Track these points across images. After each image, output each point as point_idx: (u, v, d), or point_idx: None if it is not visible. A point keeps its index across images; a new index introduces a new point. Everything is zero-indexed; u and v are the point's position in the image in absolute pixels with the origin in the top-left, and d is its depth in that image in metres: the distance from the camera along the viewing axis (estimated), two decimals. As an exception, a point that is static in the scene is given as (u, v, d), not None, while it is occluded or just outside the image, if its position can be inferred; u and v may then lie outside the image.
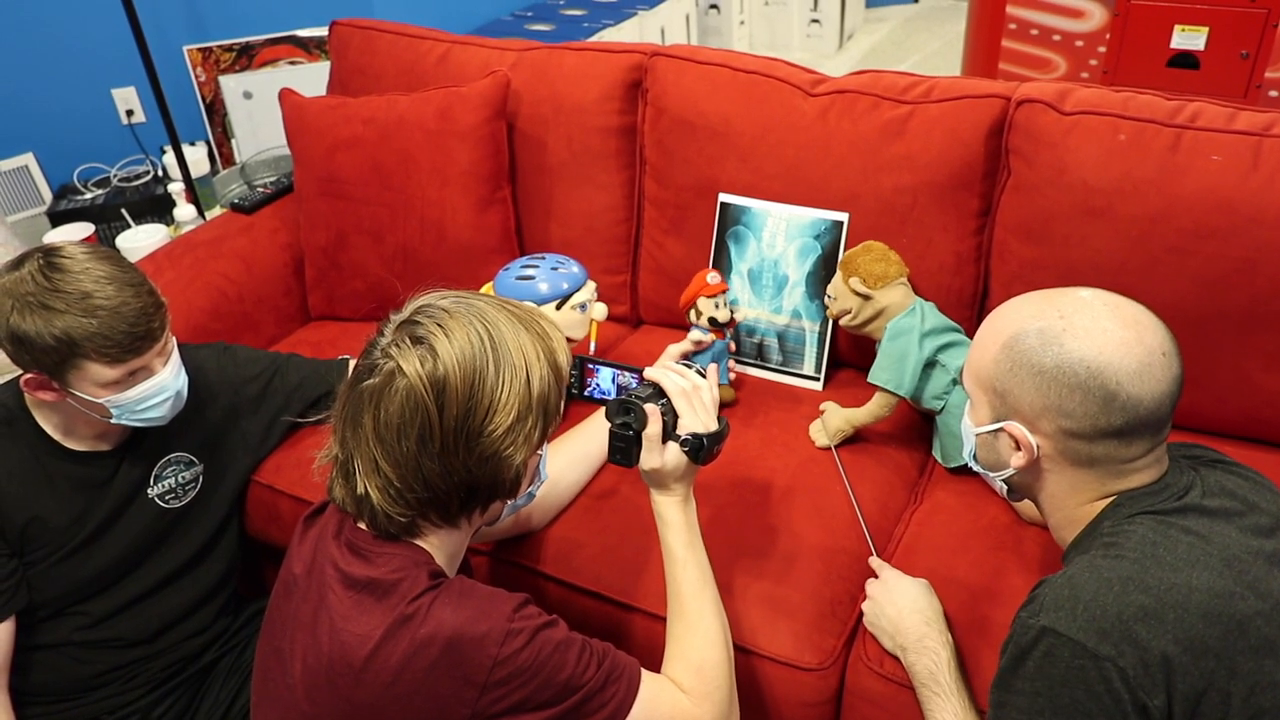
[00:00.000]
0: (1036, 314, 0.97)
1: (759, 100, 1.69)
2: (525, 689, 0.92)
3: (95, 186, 3.03)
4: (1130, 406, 0.92)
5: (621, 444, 1.14)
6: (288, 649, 0.99)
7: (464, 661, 0.91)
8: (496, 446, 0.95)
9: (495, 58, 1.94)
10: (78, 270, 1.24)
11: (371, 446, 0.94)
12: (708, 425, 1.13)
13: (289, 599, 1.03)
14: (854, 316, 1.53)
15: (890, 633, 1.20)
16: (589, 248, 1.86)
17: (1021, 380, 0.96)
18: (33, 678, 1.40)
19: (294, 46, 3.17)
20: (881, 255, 1.53)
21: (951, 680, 1.11)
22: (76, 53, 2.97)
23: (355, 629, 0.93)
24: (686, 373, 1.17)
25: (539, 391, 0.96)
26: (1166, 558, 0.89)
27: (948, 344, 1.47)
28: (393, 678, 0.91)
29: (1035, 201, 1.49)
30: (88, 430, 1.38)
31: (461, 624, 0.92)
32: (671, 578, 1.14)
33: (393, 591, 0.94)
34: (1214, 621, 0.85)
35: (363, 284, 1.94)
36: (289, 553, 1.08)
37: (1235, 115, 1.41)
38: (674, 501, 1.15)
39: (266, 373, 1.61)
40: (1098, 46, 2.86)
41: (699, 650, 1.09)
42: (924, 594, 1.22)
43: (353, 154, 1.85)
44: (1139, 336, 0.93)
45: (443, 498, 0.96)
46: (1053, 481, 1.00)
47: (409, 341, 0.93)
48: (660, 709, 1.02)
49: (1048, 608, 0.88)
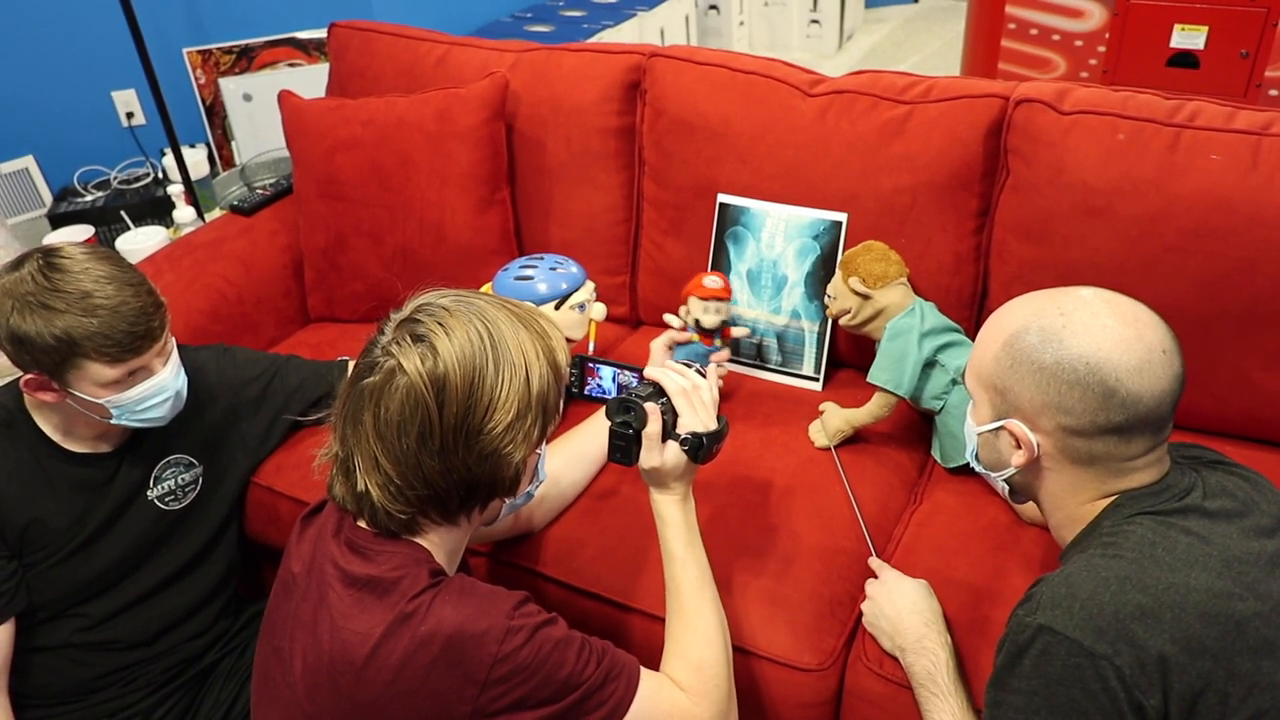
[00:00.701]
0: (1037, 312, 0.97)
1: (758, 101, 1.69)
2: (525, 686, 0.93)
3: (95, 189, 3.03)
4: (1130, 403, 0.92)
5: (621, 443, 1.14)
6: (288, 648, 0.99)
7: (465, 659, 0.91)
8: (496, 444, 0.95)
9: (494, 59, 1.94)
10: (77, 270, 1.24)
11: (372, 444, 0.94)
12: (707, 424, 1.14)
13: (289, 598, 1.03)
14: (853, 316, 1.53)
15: (889, 633, 1.20)
16: (588, 248, 1.86)
17: (1022, 377, 0.96)
18: (32, 680, 1.40)
19: (293, 48, 3.17)
20: (882, 255, 1.53)
21: (950, 681, 1.11)
22: (76, 55, 2.97)
23: (356, 627, 0.93)
24: (686, 372, 1.18)
25: (538, 390, 0.96)
26: (1165, 558, 0.88)
27: (947, 344, 1.47)
28: (394, 675, 0.91)
29: (1034, 201, 1.49)
30: (87, 432, 1.38)
31: (462, 621, 0.92)
32: (671, 576, 1.15)
33: (393, 589, 0.94)
34: (1212, 622, 0.85)
35: (362, 285, 1.94)
36: (287, 552, 1.08)
37: (1234, 114, 1.41)
38: (673, 500, 1.15)
39: (266, 374, 1.61)
40: (1097, 46, 2.86)
41: (698, 649, 1.10)
42: (923, 595, 1.22)
43: (352, 156, 1.85)
44: (1139, 334, 0.93)
45: (442, 495, 0.97)
46: (1053, 480, 1.00)
47: (409, 339, 0.93)
48: (659, 706, 1.02)
49: (1044, 606, 0.88)
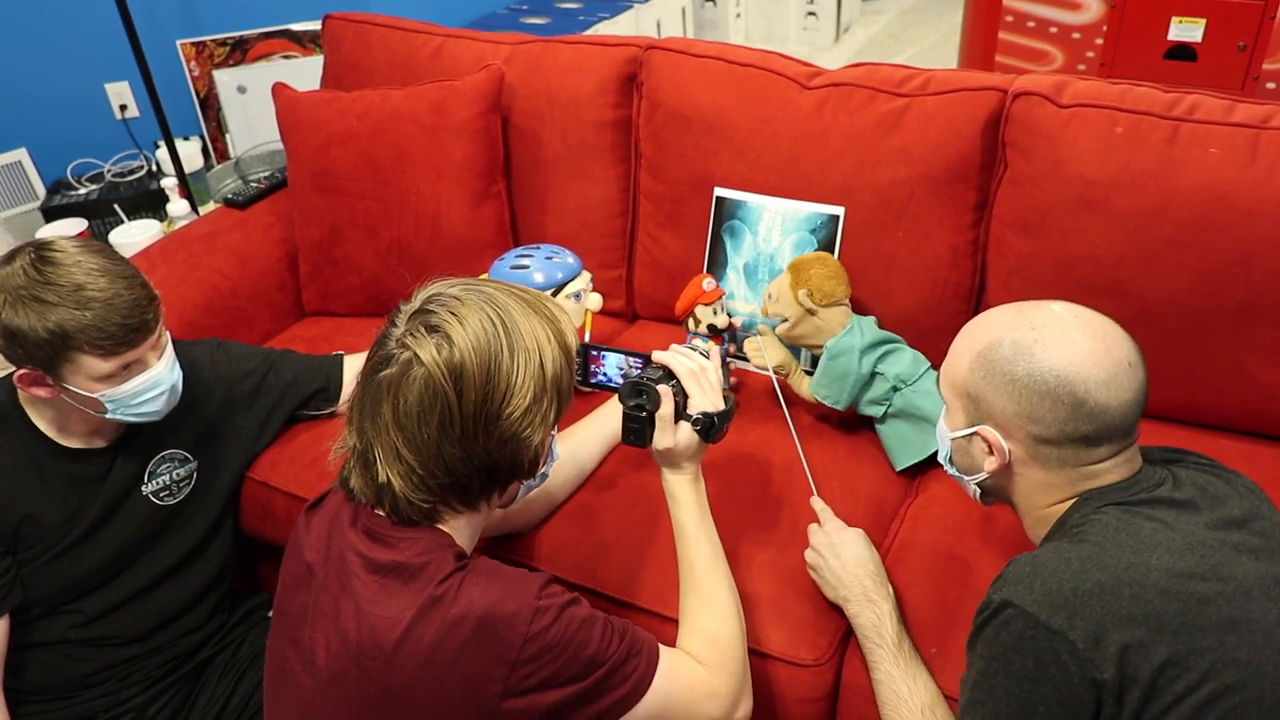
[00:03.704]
0: (1010, 325, 1.01)
1: (755, 94, 1.68)
2: (554, 665, 0.95)
3: (89, 182, 3.02)
4: (1098, 414, 0.96)
5: (635, 425, 1.18)
6: (308, 639, 1.00)
7: (495, 639, 0.93)
8: (516, 428, 0.97)
9: (490, 51, 1.93)
10: (69, 263, 1.23)
11: (392, 435, 0.95)
12: (716, 404, 1.18)
13: (306, 589, 1.03)
14: (791, 326, 1.53)
15: (833, 584, 1.25)
16: (584, 242, 1.86)
17: (995, 388, 1.00)
18: (27, 676, 1.39)
19: (288, 40, 3.16)
20: (835, 272, 1.52)
21: (894, 631, 1.17)
22: (69, 47, 2.95)
23: (384, 612, 0.94)
24: (693, 355, 1.22)
25: (552, 373, 0.98)
26: (1128, 541, 0.92)
27: (885, 353, 1.50)
28: (425, 658, 0.93)
29: (1032, 195, 1.49)
30: (82, 427, 1.37)
31: (491, 602, 0.94)
32: (684, 554, 1.18)
33: (420, 574, 0.96)
34: (1172, 599, 0.87)
35: (357, 279, 1.93)
36: (295, 544, 1.08)
37: (1233, 108, 1.41)
38: (685, 480, 1.18)
39: (261, 368, 1.60)
40: (1095, 38, 2.85)
41: (714, 623, 1.13)
42: (865, 546, 1.26)
43: (347, 149, 1.84)
44: (1107, 349, 0.97)
45: (464, 482, 0.98)
46: (1024, 483, 1.04)
47: (424, 330, 0.95)
48: (679, 680, 1.05)
49: (1010, 582, 0.92)
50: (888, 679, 1.14)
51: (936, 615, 1.26)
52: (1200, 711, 0.84)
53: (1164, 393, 1.27)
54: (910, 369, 1.48)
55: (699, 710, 1.07)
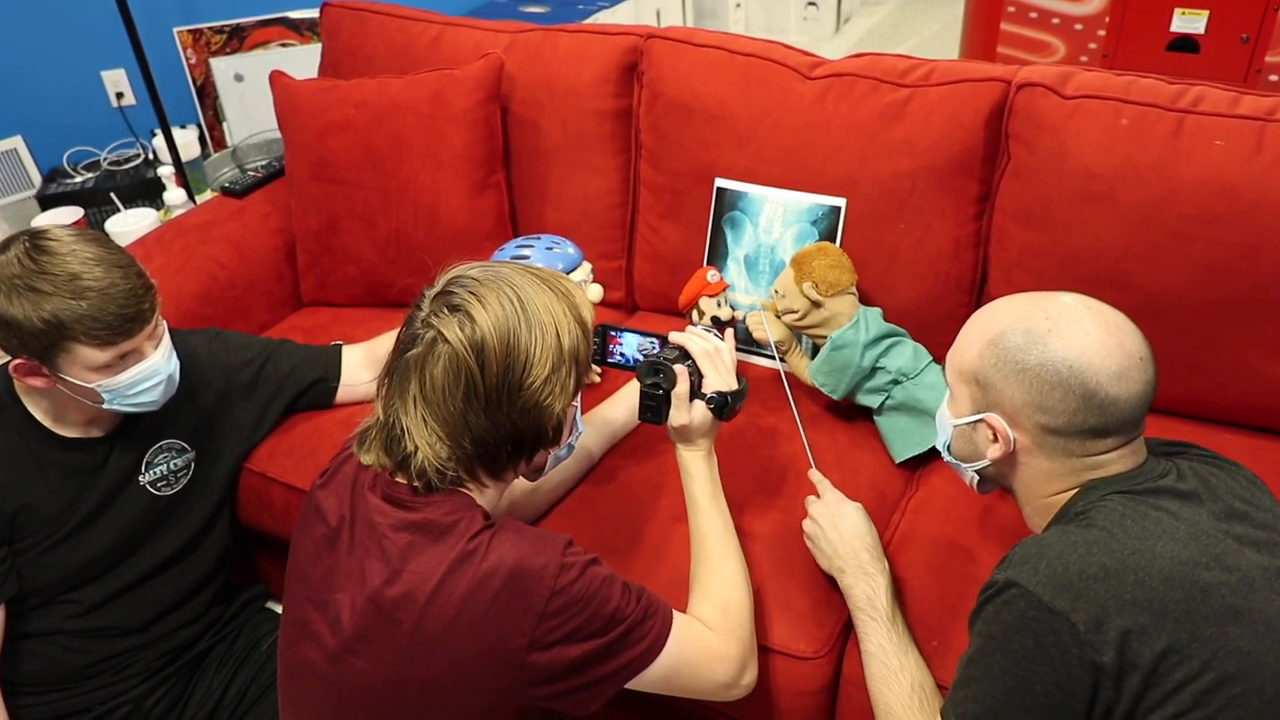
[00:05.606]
0: (1023, 315, 1.01)
1: (756, 84, 1.67)
2: (578, 619, 0.99)
3: (85, 170, 3.00)
4: (1108, 406, 0.96)
5: (652, 403, 1.22)
6: (332, 600, 1.04)
7: (525, 591, 0.97)
8: (537, 397, 1.02)
9: (489, 40, 1.91)
10: (65, 252, 1.22)
11: (420, 409, 1.01)
12: (730, 384, 1.23)
13: (330, 552, 1.07)
14: (800, 318, 1.53)
15: (829, 555, 1.26)
16: (584, 233, 1.84)
17: (1005, 376, 1.00)
18: (23, 668, 1.39)
19: (285, 28, 3.14)
20: (837, 261, 1.52)
21: (887, 605, 1.18)
22: (65, 34, 2.93)
23: (416, 568, 0.99)
24: (707, 336, 1.26)
25: (569, 345, 1.04)
26: (1134, 528, 0.92)
27: (888, 347, 1.49)
28: (458, 610, 0.97)
29: (1035, 187, 1.48)
30: (79, 417, 1.37)
31: (521, 556, 0.99)
32: (696, 526, 1.23)
33: (450, 531, 1.00)
34: (1176, 586, 0.87)
35: (355, 269, 1.92)
36: (310, 513, 1.12)
37: (1238, 100, 1.40)
38: (699, 455, 1.23)
39: (258, 359, 1.60)
40: (1097, 30, 2.84)
41: (724, 591, 1.17)
42: (863, 519, 1.28)
43: (345, 138, 1.83)
44: (1119, 341, 0.97)
45: (491, 451, 1.03)
46: (1027, 472, 1.04)
47: (447, 310, 1.00)
48: (691, 643, 1.09)
49: (1015, 563, 0.92)
50: (880, 652, 1.15)
51: (937, 608, 1.26)
52: (1200, 700, 0.85)
53: (1167, 386, 1.26)
54: (911, 362, 1.48)
55: (708, 673, 1.11)
